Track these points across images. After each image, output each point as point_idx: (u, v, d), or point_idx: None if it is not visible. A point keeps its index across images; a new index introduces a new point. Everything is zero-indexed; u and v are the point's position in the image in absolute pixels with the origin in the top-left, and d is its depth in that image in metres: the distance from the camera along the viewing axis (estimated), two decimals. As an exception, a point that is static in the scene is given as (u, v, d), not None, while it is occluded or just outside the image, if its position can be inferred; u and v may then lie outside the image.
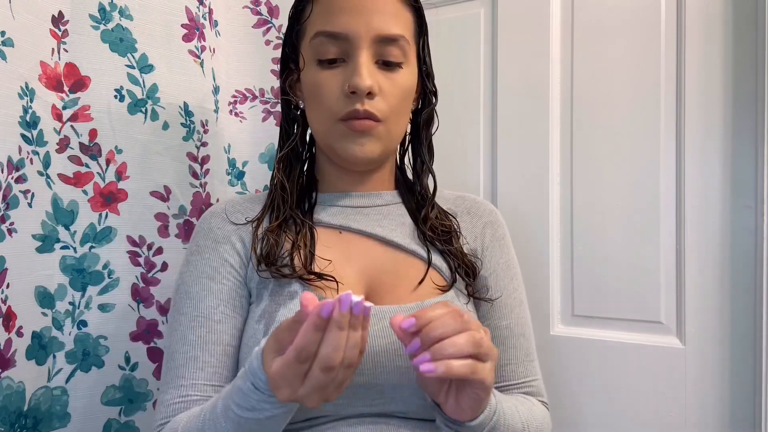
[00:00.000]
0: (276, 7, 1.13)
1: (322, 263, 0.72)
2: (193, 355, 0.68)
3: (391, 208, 0.79)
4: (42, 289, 0.83)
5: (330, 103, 0.71)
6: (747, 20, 0.97)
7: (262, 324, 0.68)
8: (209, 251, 0.74)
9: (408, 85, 0.74)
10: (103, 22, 0.89)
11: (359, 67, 0.69)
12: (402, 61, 0.72)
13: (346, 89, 0.69)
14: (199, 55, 0.99)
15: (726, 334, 0.98)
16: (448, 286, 0.73)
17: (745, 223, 0.97)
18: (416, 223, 0.78)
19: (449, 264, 0.76)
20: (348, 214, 0.77)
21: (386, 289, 0.72)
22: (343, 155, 0.72)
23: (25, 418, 0.80)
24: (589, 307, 1.10)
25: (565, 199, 1.12)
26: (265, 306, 0.70)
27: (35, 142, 0.82)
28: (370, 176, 0.79)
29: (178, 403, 0.67)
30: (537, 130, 1.14)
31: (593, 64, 1.10)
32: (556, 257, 1.12)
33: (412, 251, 0.75)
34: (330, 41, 0.70)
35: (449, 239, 0.77)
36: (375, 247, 0.75)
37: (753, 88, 0.96)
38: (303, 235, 0.73)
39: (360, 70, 0.68)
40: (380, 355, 0.66)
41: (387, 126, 0.72)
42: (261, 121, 1.13)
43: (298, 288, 0.69)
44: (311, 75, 0.73)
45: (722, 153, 0.99)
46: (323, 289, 0.70)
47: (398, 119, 0.74)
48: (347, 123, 0.70)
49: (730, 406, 0.98)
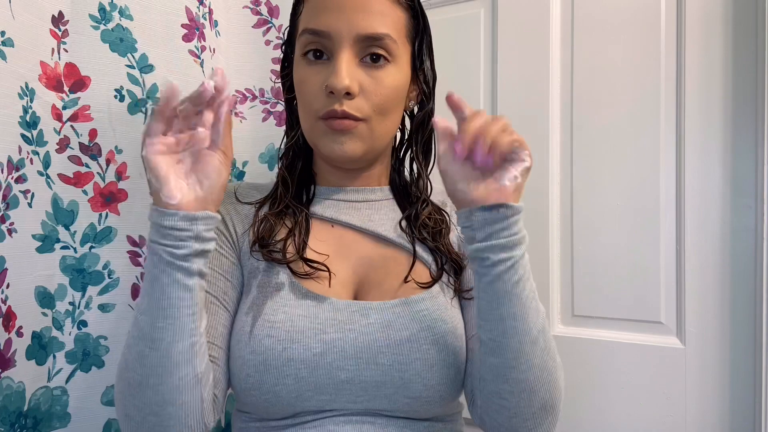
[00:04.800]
0: (276, 7, 1.13)
1: (314, 255, 0.73)
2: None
3: (382, 203, 0.80)
4: (42, 289, 0.83)
5: (312, 101, 0.72)
6: (747, 20, 0.97)
7: (250, 316, 0.69)
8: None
9: (394, 84, 0.72)
10: (103, 22, 0.88)
11: (338, 66, 0.69)
12: (388, 60, 0.71)
13: (324, 88, 0.70)
14: (199, 55, 0.99)
15: (726, 334, 0.98)
16: (432, 281, 0.74)
17: (745, 223, 0.97)
18: (407, 219, 0.79)
19: (436, 260, 0.76)
20: (340, 208, 0.78)
21: (373, 285, 0.73)
22: (325, 153, 0.74)
23: (25, 418, 0.80)
24: (589, 307, 1.10)
25: (565, 199, 1.12)
26: (253, 298, 0.71)
27: (35, 142, 0.82)
28: (360, 173, 0.80)
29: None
30: (537, 130, 1.14)
31: (593, 64, 1.10)
32: (556, 257, 1.13)
33: (400, 245, 0.76)
34: (314, 38, 0.71)
35: (437, 234, 0.77)
36: (365, 242, 0.76)
37: (753, 88, 0.96)
38: (299, 224, 0.75)
39: (338, 69, 0.68)
40: (363, 352, 0.67)
41: (370, 125, 0.71)
42: (261, 121, 1.13)
43: (285, 279, 0.71)
44: (298, 71, 0.75)
45: (722, 153, 0.99)
46: (314, 280, 0.71)
47: (383, 118, 0.73)
48: (327, 122, 0.71)
49: (730, 406, 0.98)
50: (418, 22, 0.77)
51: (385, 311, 0.70)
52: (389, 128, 0.76)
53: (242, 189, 0.83)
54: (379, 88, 0.71)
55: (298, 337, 0.66)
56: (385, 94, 0.71)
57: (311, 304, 0.69)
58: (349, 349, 0.66)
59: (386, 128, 0.75)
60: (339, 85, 0.68)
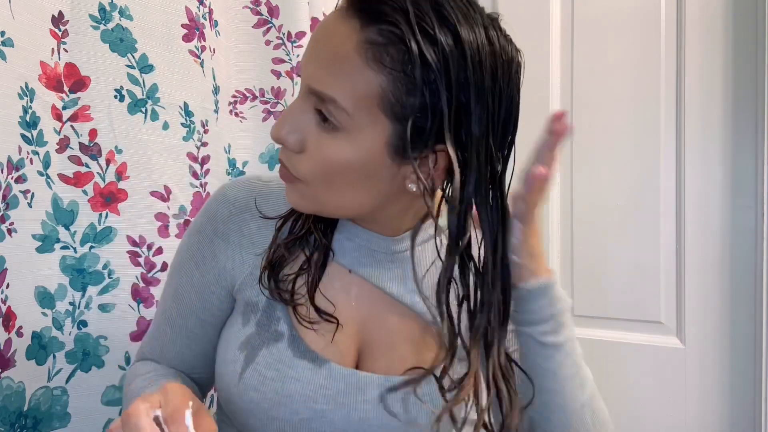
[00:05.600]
0: (276, 7, 1.13)
1: (323, 301, 0.62)
2: (162, 324, 0.70)
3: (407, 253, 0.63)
4: (42, 289, 0.83)
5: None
6: (747, 20, 0.97)
7: (242, 355, 0.63)
8: (205, 238, 0.66)
9: (340, 159, 0.53)
10: (103, 22, 0.88)
11: (284, 112, 0.57)
12: (339, 127, 0.52)
13: None
14: (199, 55, 0.99)
15: (726, 334, 0.98)
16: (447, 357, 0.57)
17: (745, 223, 0.97)
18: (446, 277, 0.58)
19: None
20: (361, 254, 0.64)
21: (383, 350, 0.63)
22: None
23: (25, 418, 0.80)
24: (589, 307, 1.10)
25: (565, 199, 1.12)
26: (250, 335, 0.63)
27: (35, 142, 0.82)
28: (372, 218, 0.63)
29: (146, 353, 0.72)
30: (537, 130, 1.14)
31: (593, 64, 1.10)
32: (556, 257, 1.12)
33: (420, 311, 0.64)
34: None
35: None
36: (383, 297, 0.64)
37: (753, 88, 0.96)
38: (315, 260, 0.63)
39: (282, 116, 0.56)
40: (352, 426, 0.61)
41: (313, 191, 0.56)
42: (261, 121, 1.13)
43: (285, 330, 0.62)
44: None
45: (722, 153, 0.99)
46: (316, 332, 0.62)
47: (329, 191, 0.56)
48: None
49: (730, 406, 0.98)
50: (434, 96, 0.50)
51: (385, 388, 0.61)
52: (348, 203, 0.57)
53: (263, 196, 0.66)
54: (318, 157, 0.54)
55: (285, 401, 0.60)
56: (323, 165, 0.54)
57: (307, 366, 0.61)
58: (339, 422, 0.61)
59: (341, 202, 0.57)
60: (271, 132, 0.56)
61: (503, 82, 0.53)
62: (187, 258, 0.68)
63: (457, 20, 0.49)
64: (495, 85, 0.52)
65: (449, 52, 0.49)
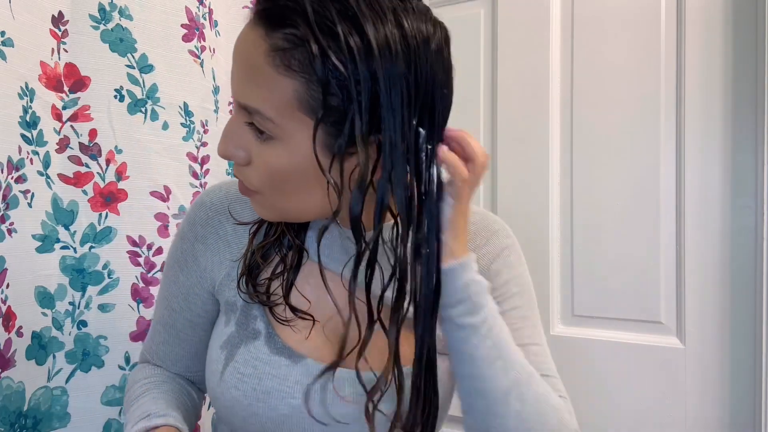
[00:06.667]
0: (276, 7, 1.13)
1: (299, 299, 0.63)
2: (157, 325, 0.72)
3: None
4: (42, 289, 0.83)
5: None
6: (747, 20, 0.97)
7: (223, 354, 0.64)
8: (187, 242, 0.68)
9: (281, 166, 0.54)
10: (103, 22, 0.88)
11: (225, 128, 0.57)
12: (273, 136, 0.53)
13: None
14: (199, 55, 0.99)
15: (726, 334, 0.98)
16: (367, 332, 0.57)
17: (745, 223, 0.97)
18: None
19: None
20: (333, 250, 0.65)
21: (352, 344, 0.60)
22: None
23: (25, 418, 0.80)
24: (589, 307, 1.10)
25: (565, 199, 1.12)
26: (230, 334, 0.65)
27: (35, 142, 0.82)
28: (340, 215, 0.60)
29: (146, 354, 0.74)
30: (537, 130, 1.14)
31: (593, 64, 1.10)
32: (556, 257, 1.12)
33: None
34: None
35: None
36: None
37: (753, 88, 0.96)
38: (289, 260, 0.64)
39: (223, 132, 0.57)
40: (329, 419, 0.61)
41: (270, 200, 0.58)
42: (261, 121, 1.13)
43: (262, 328, 0.64)
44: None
45: (722, 153, 0.99)
46: (293, 328, 0.63)
47: (284, 198, 0.57)
48: None
49: (730, 406, 0.98)
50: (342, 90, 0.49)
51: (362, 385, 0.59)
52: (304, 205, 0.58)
53: (237, 203, 0.68)
54: (263, 167, 0.55)
55: (263, 398, 0.61)
56: (269, 174, 0.55)
57: (284, 363, 0.62)
58: (316, 415, 0.60)
59: (300, 206, 0.58)
60: (218, 149, 0.57)
61: (419, 64, 0.51)
62: (172, 262, 0.70)
63: (359, 11, 0.48)
64: (410, 70, 0.50)
65: (353, 46, 0.48)
